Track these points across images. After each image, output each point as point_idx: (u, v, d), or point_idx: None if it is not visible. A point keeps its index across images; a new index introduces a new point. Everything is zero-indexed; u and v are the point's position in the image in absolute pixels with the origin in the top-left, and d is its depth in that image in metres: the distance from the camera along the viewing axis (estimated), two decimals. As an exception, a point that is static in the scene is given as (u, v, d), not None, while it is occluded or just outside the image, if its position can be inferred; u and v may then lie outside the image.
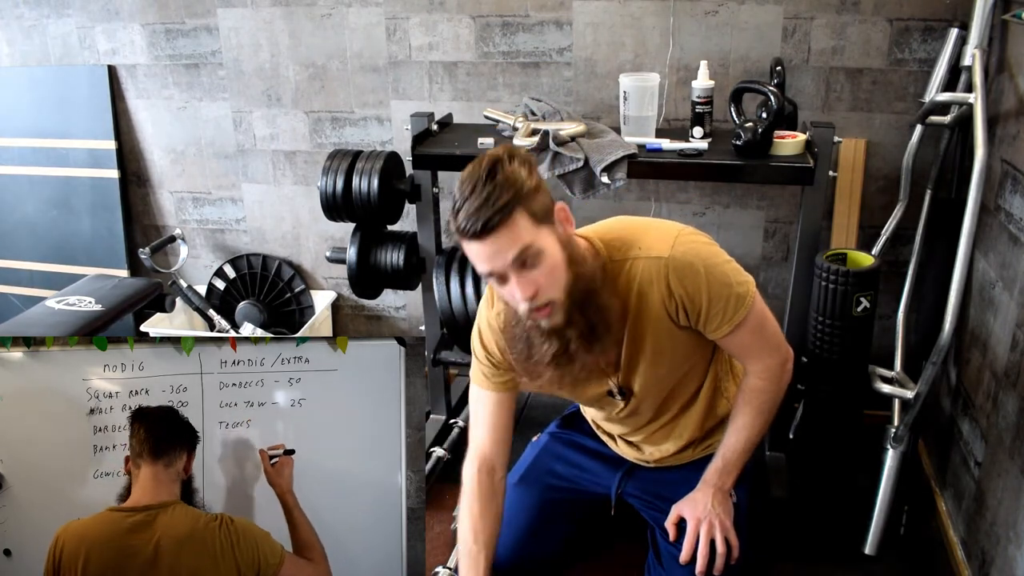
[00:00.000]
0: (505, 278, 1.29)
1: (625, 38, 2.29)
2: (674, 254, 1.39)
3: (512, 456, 2.10)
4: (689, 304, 1.42)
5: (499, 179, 1.23)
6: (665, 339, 1.48)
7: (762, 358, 1.52)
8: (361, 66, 2.53)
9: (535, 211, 1.26)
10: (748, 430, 1.55)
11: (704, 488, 1.56)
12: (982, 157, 1.67)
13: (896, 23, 2.11)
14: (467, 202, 1.23)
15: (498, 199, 1.22)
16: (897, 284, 2.22)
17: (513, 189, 1.23)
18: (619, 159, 1.93)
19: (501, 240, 1.24)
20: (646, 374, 1.53)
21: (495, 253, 1.25)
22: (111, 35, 2.69)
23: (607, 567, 1.90)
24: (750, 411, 1.55)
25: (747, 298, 1.44)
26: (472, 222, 1.22)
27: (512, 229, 1.23)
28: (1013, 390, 1.64)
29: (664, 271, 1.39)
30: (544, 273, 1.29)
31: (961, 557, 1.87)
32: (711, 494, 1.54)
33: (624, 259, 1.42)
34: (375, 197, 2.16)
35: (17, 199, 2.95)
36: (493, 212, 1.22)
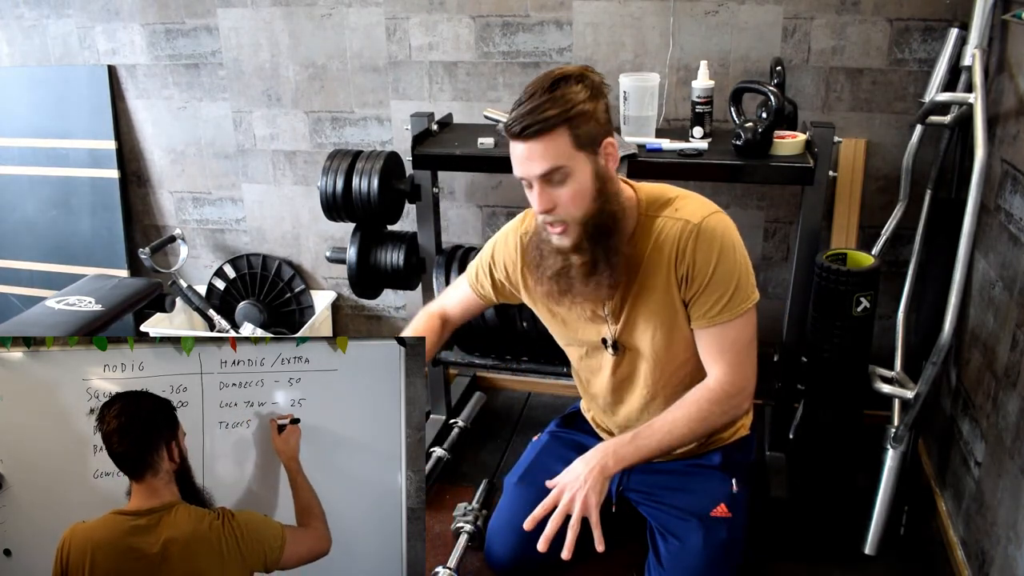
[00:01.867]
0: (531, 186, 1.37)
1: (625, 38, 2.29)
2: (703, 224, 1.42)
3: (512, 456, 2.11)
4: (694, 272, 1.43)
5: (556, 94, 1.29)
6: (667, 305, 1.49)
7: (731, 370, 1.48)
8: (361, 66, 2.53)
9: (579, 134, 1.32)
10: (676, 431, 1.48)
11: (590, 456, 1.49)
12: (982, 157, 1.67)
13: (896, 23, 2.11)
14: (521, 104, 1.31)
15: (546, 111, 1.29)
16: (897, 284, 2.22)
17: (564, 107, 1.29)
18: (619, 159, 1.93)
19: (536, 149, 1.31)
20: (643, 336, 1.54)
21: (527, 160, 1.33)
22: (111, 35, 2.69)
23: (607, 567, 1.89)
24: (688, 413, 1.49)
25: (749, 300, 1.44)
26: (515, 123, 1.31)
27: (548, 145, 1.30)
28: (1013, 390, 1.64)
29: (686, 233, 1.42)
30: (567, 194, 1.35)
31: (961, 557, 1.87)
32: (591, 467, 1.46)
33: (657, 215, 1.47)
34: (375, 197, 2.16)
35: (17, 199, 2.94)
36: (535, 121, 1.29)
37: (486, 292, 1.73)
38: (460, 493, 2.12)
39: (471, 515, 1.91)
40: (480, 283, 1.73)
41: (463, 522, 1.90)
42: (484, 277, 1.72)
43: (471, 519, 1.90)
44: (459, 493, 2.12)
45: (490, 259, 1.70)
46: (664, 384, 1.60)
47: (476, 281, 1.74)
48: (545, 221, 1.40)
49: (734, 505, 1.62)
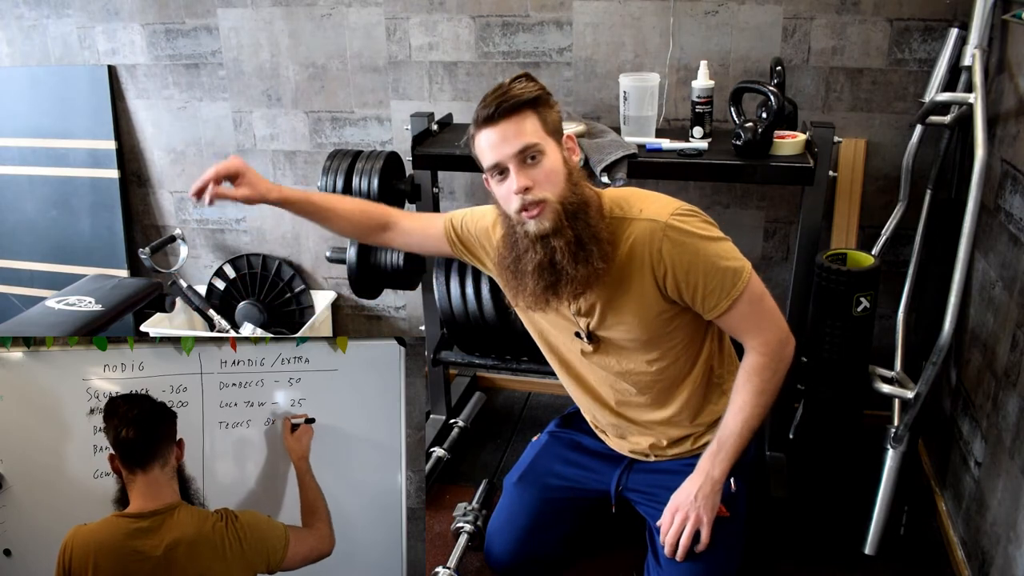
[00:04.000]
0: (506, 171, 1.39)
1: (625, 38, 2.29)
2: (671, 222, 1.43)
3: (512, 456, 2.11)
4: (683, 277, 1.44)
5: (519, 85, 1.39)
6: (645, 303, 1.49)
7: (762, 332, 1.52)
8: (361, 66, 2.53)
9: (546, 119, 1.41)
10: (745, 411, 1.54)
11: (695, 476, 1.57)
12: (982, 157, 1.67)
13: (896, 23, 2.11)
14: (487, 97, 1.39)
15: (515, 95, 1.37)
16: (897, 284, 2.22)
17: (530, 94, 1.39)
18: (619, 159, 1.93)
19: (510, 128, 1.37)
20: (618, 331, 1.55)
21: (502, 140, 1.37)
22: (111, 35, 2.69)
23: (607, 567, 1.90)
24: (749, 390, 1.54)
25: (743, 272, 1.45)
26: (488, 108, 1.37)
27: (522, 123, 1.37)
28: (1013, 390, 1.64)
29: (659, 235, 1.43)
30: (543, 172, 1.39)
31: (961, 557, 1.87)
32: (699, 484, 1.55)
33: (623, 217, 1.47)
34: (375, 197, 2.16)
35: (17, 199, 2.95)
36: (506, 100, 1.37)
37: (455, 239, 1.71)
38: (460, 493, 2.12)
39: (471, 515, 1.91)
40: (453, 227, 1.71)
41: (463, 522, 1.90)
42: (462, 227, 1.70)
43: (471, 519, 1.90)
44: (459, 493, 2.12)
45: (472, 217, 1.69)
46: (638, 368, 1.60)
47: (451, 224, 1.71)
48: (523, 203, 1.38)
49: (733, 505, 1.62)
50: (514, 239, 1.46)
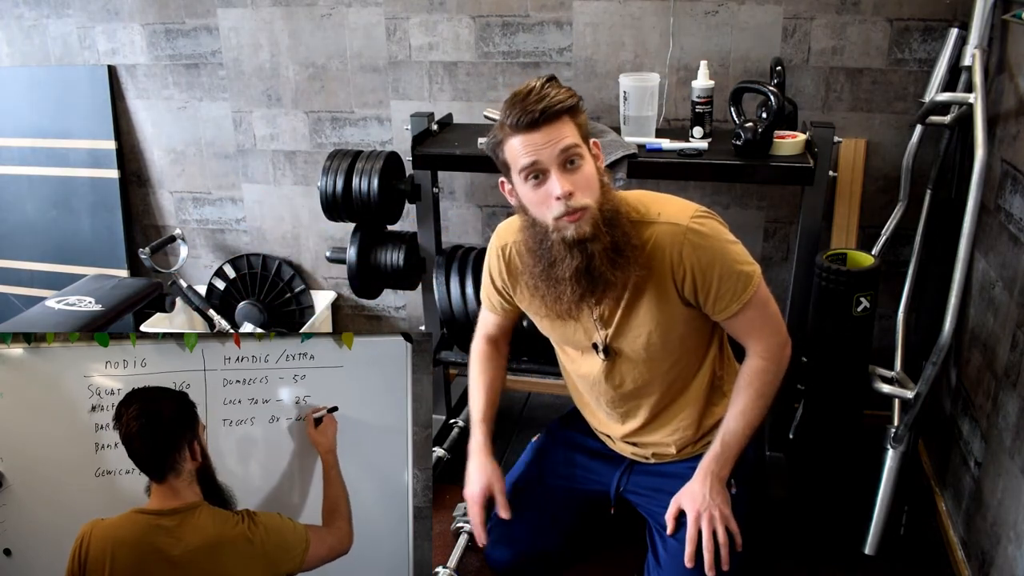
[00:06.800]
0: (546, 174, 1.37)
1: (625, 38, 2.29)
2: (692, 225, 1.44)
3: (512, 456, 2.10)
4: (700, 279, 1.45)
5: (556, 91, 1.36)
6: (664, 308, 1.50)
7: (764, 337, 1.55)
8: (361, 66, 2.53)
9: (579, 124, 1.40)
10: (747, 414, 1.56)
11: (701, 477, 1.57)
12: (982, 157, 1.67)
13: (896, 23, 2.11)
14: (527, 97, 1.35)
15: (557, 98, 1.35)
16: (897, 284, 2.22)
17: (567, 98, 1.37)
18: (619, 159, 1.94)
19: (554, 132, 1.35)
20: (636, 340, 1.54)
21: (546, 143, 1.35)
22: (111, 35, 2.69)
23: (607, 567, 1.89)
24: (750, 393, 1.56)
25: (754, 276, 1.48)
26: (530, 112, 1.33)
27: (564, 127, 1.36)
28: (1013, 390, 1.64)
29: (680, 238, 1.44)
30: (584, 177, 1.38)
31: (961, 557, 1.87)
32: (708, 483, 1.55)
33: (643, 221, 1.47)
34: (375, 197, 2.16)
35: (17, 199, 2.94)
36: (552, 104, 1.34)
37: (504, 305, 1.73)
38: (460, 493, 2.11)
39: (471, 515, 1.90)
40: (492, 302, 1.74)
41: (463, 522, 1.89)
42: (493, 293, 1.72)
43: (471, 519, 1.89)
44: (459, 493, 2.11)
45: (488, 277, 1.70)
46: (651, 381, 1.61)
47: (490, 303, 1.75)
48: (566, 209, 1.36)
49: (733, 505, 1.62)
50: (546, 246, 1.43)
